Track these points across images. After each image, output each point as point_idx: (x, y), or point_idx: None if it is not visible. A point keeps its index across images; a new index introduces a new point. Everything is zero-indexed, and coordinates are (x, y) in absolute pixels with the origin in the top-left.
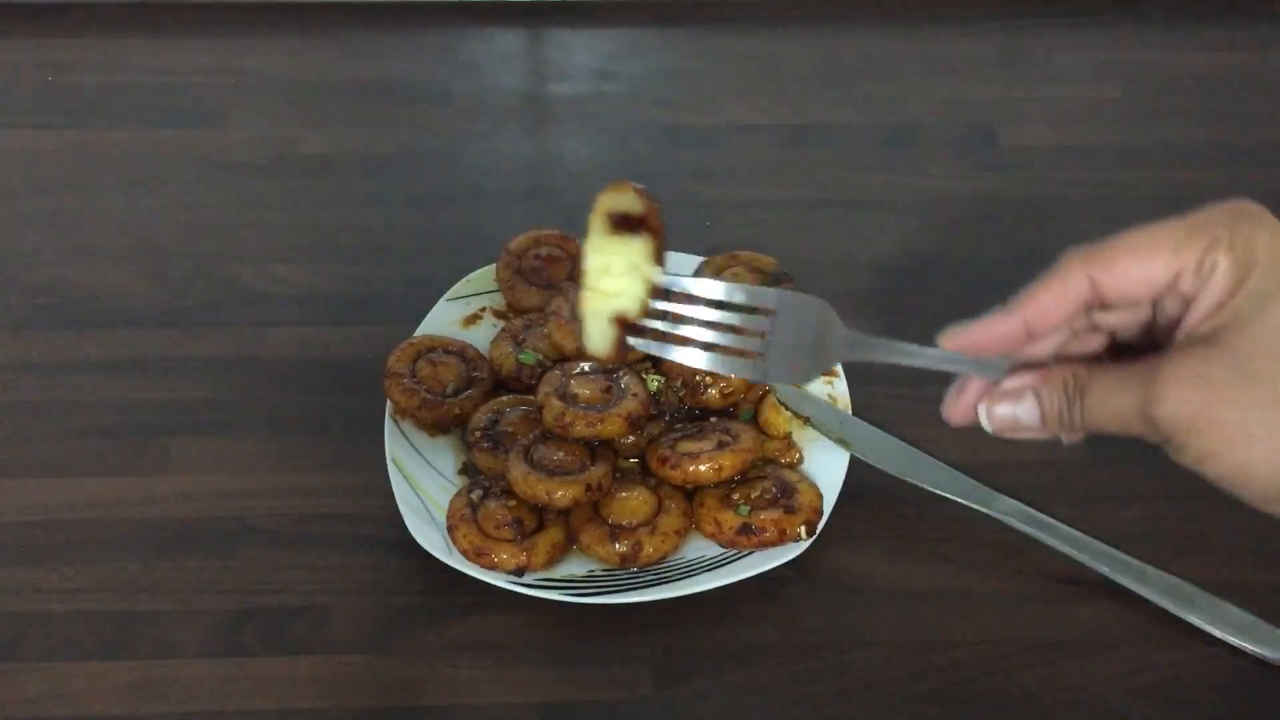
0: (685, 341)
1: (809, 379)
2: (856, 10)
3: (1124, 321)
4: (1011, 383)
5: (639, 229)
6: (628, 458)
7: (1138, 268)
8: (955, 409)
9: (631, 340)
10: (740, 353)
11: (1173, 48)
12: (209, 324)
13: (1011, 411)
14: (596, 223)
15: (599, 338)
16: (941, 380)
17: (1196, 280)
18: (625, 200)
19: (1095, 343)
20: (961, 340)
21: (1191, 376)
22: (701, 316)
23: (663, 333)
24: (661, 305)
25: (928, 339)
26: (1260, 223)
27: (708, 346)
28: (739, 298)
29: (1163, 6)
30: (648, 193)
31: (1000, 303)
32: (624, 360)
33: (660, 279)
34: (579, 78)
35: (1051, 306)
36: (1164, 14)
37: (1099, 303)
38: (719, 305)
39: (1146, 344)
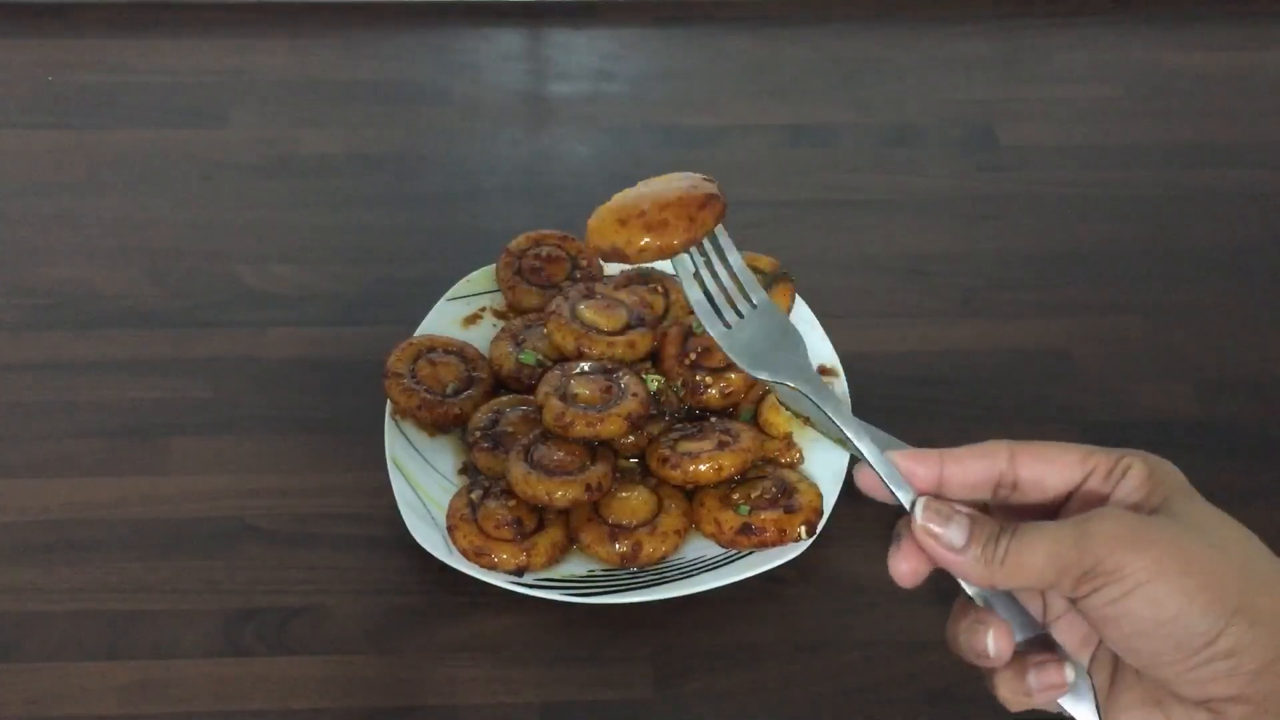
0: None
1: (751, 370)
2: (856, 10)
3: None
4: (953, 500)
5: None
6: (628, 458)
7: (1058, 454)
8: (898, 562)
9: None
10: (718, 315)
11: (1173, 48)
12: (209, 324)
13: (941, 526)
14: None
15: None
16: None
17: (1108, 482)
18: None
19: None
20: (889, 454)
21: (1128, 510)
22: (717, 270)
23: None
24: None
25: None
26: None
27: (706, 293)
28: (743, 276)
29: (1163, 6)
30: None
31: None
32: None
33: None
34: (579, 78)
35: (970, 464)
36: (1164, 14)
37: (1011, 483)
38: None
39: None
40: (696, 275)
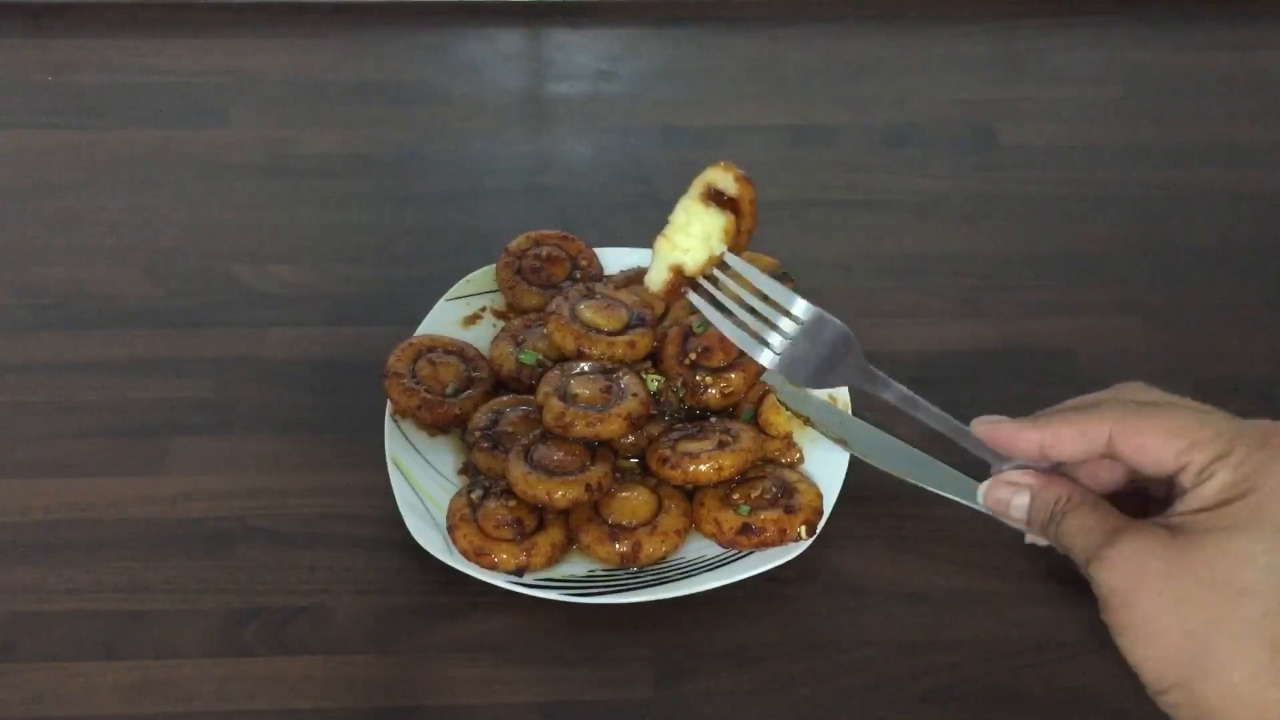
0: (724, 312)
1: (812, 385)
2: (856, 10)
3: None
4: (1016, 476)
5: (727, 208)
6: (628, 458)
7: (1156, 448)
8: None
9: (690, 295)
10: (762, 341)
11: (1173, 48)
12: (209, 324)
13: (1007, 498)
14: (695, 187)
15: (656, 276)
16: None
17: (1195, 480)
18: (725, 180)
19: (1117, 472)
20: (989, 432)
21: (1136, 557)
22: (744, 298)
23: (711, 296)
24: (717, 275)
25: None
26: None
27: (739, 324)
28: (778, 296)
29: (1163, 6)
30: (746, 178)
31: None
32: (672, 298)
33: (724, 254)
34: (579, 78)
35: (1069, 441)
36: (1164, 14)
37: (1111, 455)
38: (762, 296)
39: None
40: (719, 308)
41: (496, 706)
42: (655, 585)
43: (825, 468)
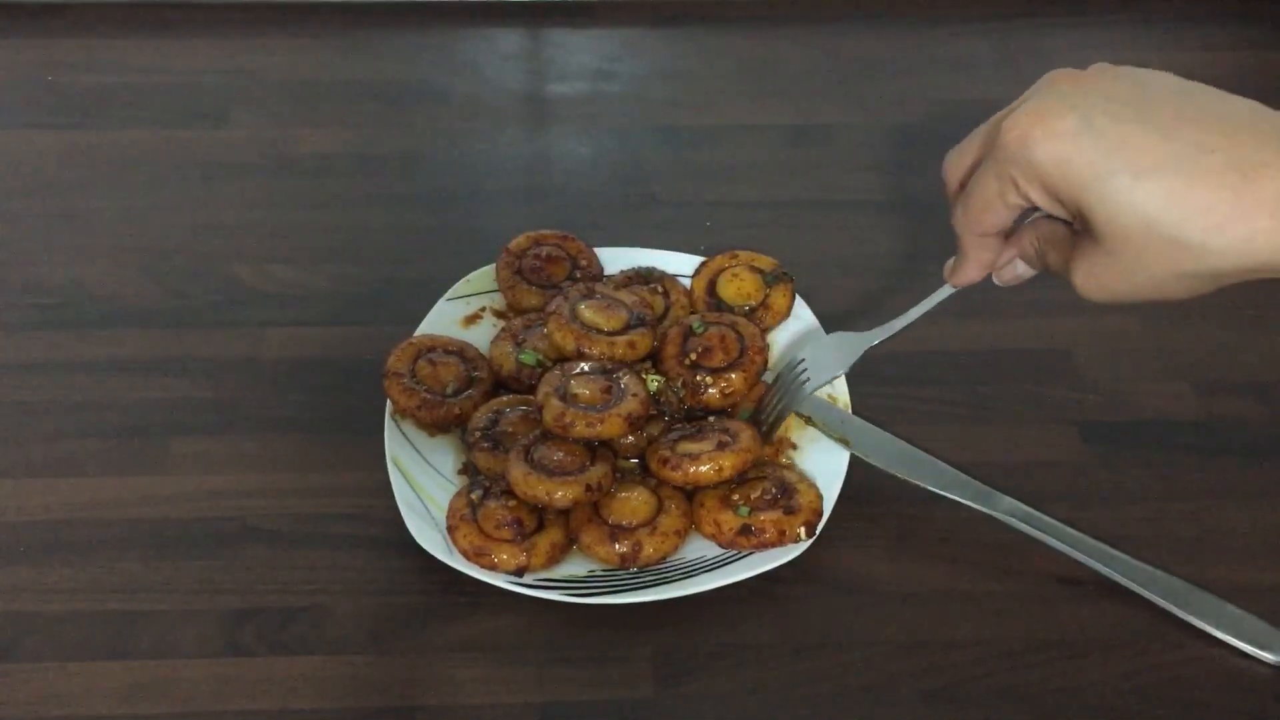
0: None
1: (847, 366)
2: (856, 10)
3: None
4: (1004, 258)
5: None
6: (628, 458)
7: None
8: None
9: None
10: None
11: (1173, 48)
12: (209, 324)
13: (1014, 272)
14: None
15: None
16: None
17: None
18: None
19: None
20: (964, 279)
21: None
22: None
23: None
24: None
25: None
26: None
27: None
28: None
29: (1163, 6)
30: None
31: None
32: None
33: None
34: (579, 78)
35: (997, 257)
36: (1164, 14)
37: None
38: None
39: None
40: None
41: (496, 706)
42: (655, 585)
43: (825, 468)
